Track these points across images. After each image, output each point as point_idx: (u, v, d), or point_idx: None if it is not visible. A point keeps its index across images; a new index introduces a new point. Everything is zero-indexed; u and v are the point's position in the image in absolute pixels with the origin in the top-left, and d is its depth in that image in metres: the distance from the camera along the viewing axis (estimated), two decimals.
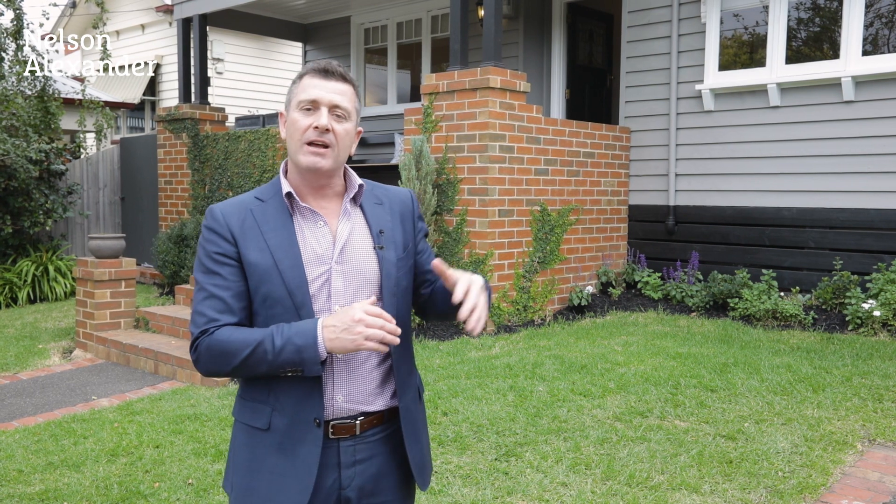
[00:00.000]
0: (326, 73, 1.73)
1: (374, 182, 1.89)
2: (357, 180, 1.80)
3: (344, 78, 1.74)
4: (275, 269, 1.68)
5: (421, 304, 1.93)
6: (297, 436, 1.69)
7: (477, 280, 1.68)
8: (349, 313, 1.59)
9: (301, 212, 1.75)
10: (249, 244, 1.71)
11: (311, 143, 1.69)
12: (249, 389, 1.76)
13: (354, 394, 1.73)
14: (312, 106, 1.70)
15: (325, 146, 1.70)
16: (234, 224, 1.72)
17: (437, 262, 1.70)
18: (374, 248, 1.76)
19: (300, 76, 1.76)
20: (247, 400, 1.76)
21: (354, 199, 1.79)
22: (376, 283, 1.75)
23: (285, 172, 1.78)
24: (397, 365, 1.77)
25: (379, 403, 1.76)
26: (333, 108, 1.71)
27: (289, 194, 1.74)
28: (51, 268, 9.00)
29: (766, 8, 7.12)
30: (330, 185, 1.77)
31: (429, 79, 6.88)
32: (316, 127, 1.69)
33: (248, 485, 1.74)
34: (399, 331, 1.61)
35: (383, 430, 1.78)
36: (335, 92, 1.72)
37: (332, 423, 1.71)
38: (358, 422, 1.73)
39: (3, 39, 9.73)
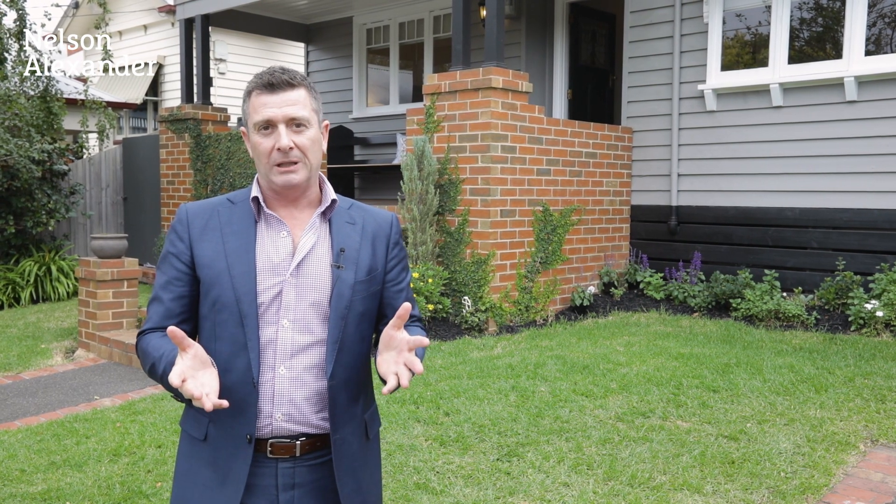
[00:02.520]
0: (272, 86, 1.64)
1: (356, 201, 1.82)
2: (331, 195, 1.73)
3: (291, 84, 1.65)
4: (226, 273, 1.65)
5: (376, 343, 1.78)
6: (230, 450, 1.65)
7: (416, 366, 1.53)
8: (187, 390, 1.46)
9: (266, 219, 1.70)
10: (206, 245, 1.68)
11: (279, 164, 1.64)
12: None
13: (295, 414, 1.66)
14: (268, 125, 1.64)
15: (295, 162, 1.65)
16: (196, 225, 1.70)
17: (406, 307, 1.54)
18: (332, 265, 1.69)
19: (248, 92, 1.67)
20: (190, 408, 1.73)
21: (324, 214, 1.73)
22: (327, 302, 1.68)
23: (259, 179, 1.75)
24: (335, 393, 1.67)
25: (321, 427, 1.69)
26: (290, 122, 1.64)
27: (255, 199, 1.70)
28: (53, 268, 9.01)
29: (768, 8, 7.11)
30: (304, 196, 1.72)
31: (431, 79, 6.88)
32: (279, 149, 1.63)
33: (181, 495, 1.71)
34: (216, 402, 1.46)
35: (326, 454, 1.70)
36: (286, 104, 1.63)
37: (270, 441, 1.66)
38: (298, 443, 1.66)
39: (6, 40, 9.74)
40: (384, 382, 1.55)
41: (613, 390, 4.61)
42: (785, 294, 6.68)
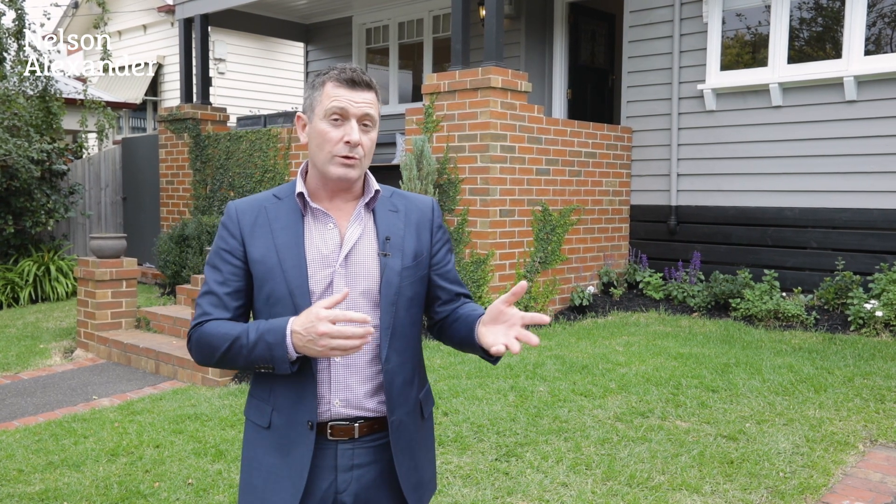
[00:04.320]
0: (353, 83, 1.68)
1: (396, 189, 1.86)
2: (374, 186, 1.78)
3: (369, 86, 1.70)
4: (278, 267, 1.70)
5: (438, 324, 1.86)
6: (293, 436, 1.70)
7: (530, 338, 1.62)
8: (315, 326, 1.56)
9: (312, 212, 1.74)
10: (257, 242, 1.73)
11: (343, 156, 1.68)
12: (256, 388, 1.79)
13: (352, 398, 1.72)
14: (341, 117, 1.67)
15: (355, 158, 1.69)
16: (246, 222, 1.75)
17: (523, 285, 1.58)
18: (379, 254, 1.73)
19: (322, 82, 1.71)
20: (253, 398, 1.80)
21: (368, 205, 1.77)
22: (377, 289, 1.72)
23: (304, 173, 1.78)
24: (390, 377, 1.73)
25: (377, 410, 1.74)
26: (362, 120, 1.69)
27: (301, 194, 1.74)
28: (52, 268, 9.01)
29: (768, 8, 7.10)
30: (350, 190, 1.76)
31: (430, 79, 6.88)
32: (347, 142, 1.67)
33: (248, 481, 1.77)
34: (371, 333, 1.57)
35: (384, 436, 1.75)
36: (364, 102, 1.68)
37: (330, 424, 1.71)
38: (356, 425, 1.72)
39: (4, 40, 9.74)
40: (484, 353, 1.67)
41: (612, 390, 4.61)
42: (784, 294, 6.67)
